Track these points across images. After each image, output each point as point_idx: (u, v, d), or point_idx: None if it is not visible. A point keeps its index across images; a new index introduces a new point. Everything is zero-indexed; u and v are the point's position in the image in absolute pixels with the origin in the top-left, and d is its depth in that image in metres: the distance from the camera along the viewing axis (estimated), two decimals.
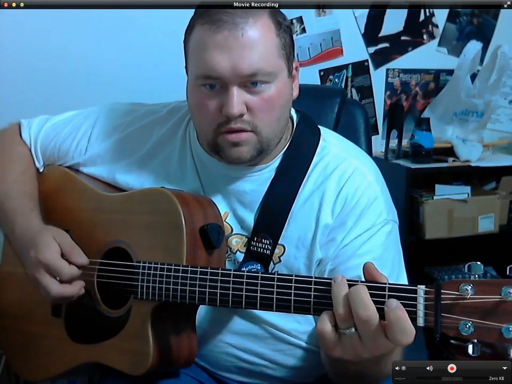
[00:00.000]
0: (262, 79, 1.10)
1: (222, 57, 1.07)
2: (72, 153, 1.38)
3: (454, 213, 2.53)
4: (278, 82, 1.13)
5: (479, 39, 2.80)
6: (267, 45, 1.10)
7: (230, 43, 1.07)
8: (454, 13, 2.79)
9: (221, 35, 1.07)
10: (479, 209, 2.56)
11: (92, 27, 2.28)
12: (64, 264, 1.18)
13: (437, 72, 2.82)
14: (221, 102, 1.10)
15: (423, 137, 2.55)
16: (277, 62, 1.12)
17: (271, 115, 1.14)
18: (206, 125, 1.15)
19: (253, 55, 1.08)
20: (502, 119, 2.91)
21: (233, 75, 1.07)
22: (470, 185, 2.60)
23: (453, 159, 2.57)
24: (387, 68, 2.74)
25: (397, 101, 2.78)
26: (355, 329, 0.90)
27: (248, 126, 1.12)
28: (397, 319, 0.86)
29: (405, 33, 2.74)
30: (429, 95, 2.83)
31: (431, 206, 2.51)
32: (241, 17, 1.07)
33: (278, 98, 1.13)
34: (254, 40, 1.08)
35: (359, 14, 2.65)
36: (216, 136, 1.14)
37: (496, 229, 2.61)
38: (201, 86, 1.12)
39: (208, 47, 1.08)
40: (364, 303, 0.88)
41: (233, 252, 1.24)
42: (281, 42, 1.13)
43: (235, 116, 1.09)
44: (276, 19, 1.12)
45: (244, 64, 1.07)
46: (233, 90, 1.08)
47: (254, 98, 1.11)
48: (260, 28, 1.09)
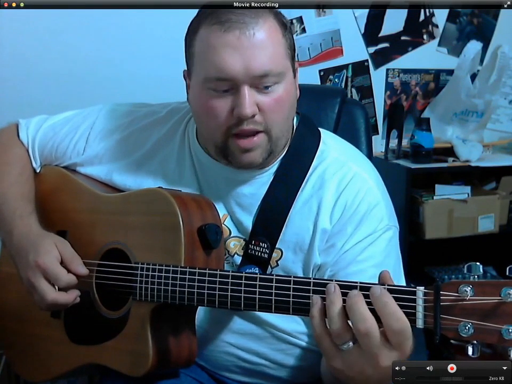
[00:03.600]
0: (273, 80, 1.10)
1: (234, 57, 1.06)
2: (69, 153, 1.38)
3: (454, 213, 2.53)
4: (286, 82, 1.13)
5: (479, 39, 2.80)
6: (275, 46, 1.10)
7: (242, 42, 1.06)
8: (454, 13, 2.78)
9: (232, 35, 1.06)
10: (479, 209, 2.56)
11: (92, 27, 2.28)
12: (63, 271, 1.18)
13: (437, 72, 2.82)
14: (232, 104, 1.09)
15: (423, 137, 2.54)
16: (285, 62, 1.12)
17: (281, 115, 1.14)
18: (215, 128, 1.13)
19: (264, 55, 1.08)
20: (502, 119, 2.90)
21: (245, 75, 1.07)
22: (470, 185, 2.60)
23: (453, 159, 2.57)
24: (387, 68, 2.74)
25: (397, 101, 2.78)
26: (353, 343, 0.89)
27: (261, 126, 1.12)
28: (384, 304, 0.86)
29: (405, 33, 2.74)
30: (429, 95, 2.83)
31: (431, 206, 2.51)
32: (250, 17, 1.07)
33: (287, 98, 1.13)
34: (263, 41, 1.08)
35: (359, 14, 2.65)
36: (226, 140, 1.13)
37: (496, 229, 2.61)
38: (209, 89, 1.11)
39: (218, 47, 1.07)
40: (362, 316, 0.87)
41: (231, 254, 1.23)
42: (287, 43, 1.13)
43: (248, 117, 1.08)
44: (280, 20, 1.13)
45: (256, 63, 1.07)
46: (245, 91, 1.08)
47: (265, 98, 1.10)
48: (268, 28, 1.09)
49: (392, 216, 1.23)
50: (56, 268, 1.17)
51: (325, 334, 0.91)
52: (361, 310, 0.87)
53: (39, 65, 2.24)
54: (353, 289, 0.90)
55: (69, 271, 1.18)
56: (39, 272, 1.17)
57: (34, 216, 1.29)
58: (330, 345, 0.91)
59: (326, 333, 0.91)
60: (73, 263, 1.19)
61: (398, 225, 1.24)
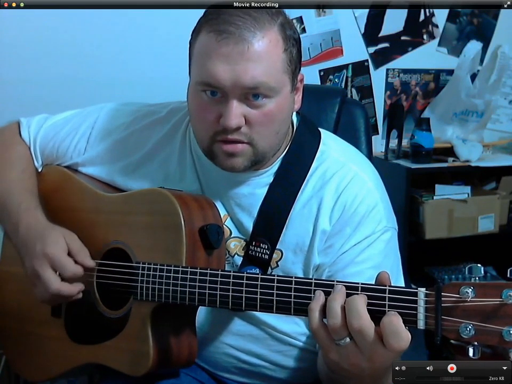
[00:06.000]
0: (264, 93, 1.08)
1: (224, 68, 1.05)
2: (71, 153, 1.38)
3: (454, 213, 2.53)
4: (280, 97, 1.11)
5: (479, 39, 2.80)
6: (272, 60, 1.08)
7: (234, 57, 1.05)
8: (454, 13, 2.79)
9: (225, 47, 1.05)
10: (479, 209, 2.56)
11: (92, 27, 2.28)
12: (70, 261, 1.18)
13: (437, 72, 2.82)
14: (220, 112, 1.09)
15: (423, 137, 2.55)
16: (281, 77, 1.10)
17: (269, 129, 1.13)
18: (202, 131, 1.14)
19: (257, 68, 1.06)
20: (502, 119, 2.91)
21: (235, 87, 1.06)
22: (470, 185, 2.60)
23: (453, 159, 2.57)
24: (387, 68, 2.75)
25: (397, 101, 2.78)
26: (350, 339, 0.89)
27: (245, 138, 1.11)
28: (390, 322, 0.86)
29: (405, 33, 2.74)
30: (429, 95, 2.83)
31: (431, 206, 2.51)
32: (249, 31, 1.05)
33: (277, 113, 1.12)
34: (259, 54, 1.06)
35: (359, 14, 2.65)
36: (211, 144, 1.13)
37: (496, 229, 2.61)
38: (202, 92, 1.11)
39: (211, 56, 1.07)
40: (358, 313, 0.87)
41: (232, 255, 1.23)
42: (288, 57, 1.11)
43: (232, 129, 1.08)
44: (284, 33, 1.10)
45: (246, 76, 1.05)
46: (232, 103, 1.07)
47: (253, 111, 1.09)
48: (267, 42, 1.07)
49: (391, 218, 1.22)
50: (63, 257, 1.18)
51: (320, 328, 0.91)
52: (359, 307, 0.88)
53: (39, 65, 2.24)
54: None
55: (76, 262, 1.19)
56: (46, 261, 1.18)
57: (40, 210, 1.29)
58: (326, 338, 0.91)
59: (321, 326, 0.92)
60: (81, 255, 1.20)
61: (397, 227, 1.24)
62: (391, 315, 0.87)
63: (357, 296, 0.89)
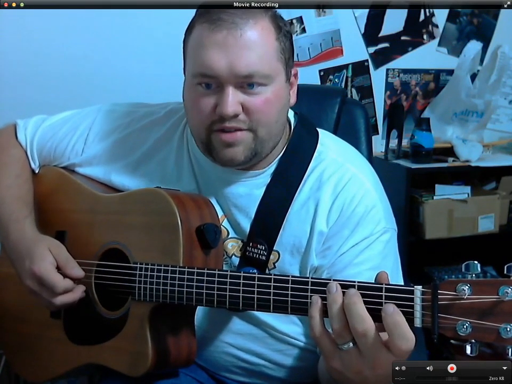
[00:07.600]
0: (259, 81, 1.09)
1: (219, 56, 1.06)
2: (68, 154, 1.38)
3: (454, 213, 2.53)
4: (275, 85, 1.12)
5: (479, 39, 2.80)
6: (266, 47, 1.09)
7: (228, 42, 1.06)
8: (454, 13, 2.79)
9: (219, 34, 1.06)
10: (479, 209, 2.56)
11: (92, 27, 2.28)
12: (59, 277, 1.18)
13: (437, 72, 2.82)
14: (216, 101, 1.10)
15: (423, 137, 2.54)
16: (275, 65, 1.11)
17: (268, 117, 1.13)
18: (199, 123, 1.14)
19: (251, 56, 1.07)
20: (502, 119, 2.90)
21: (230, 75, 1.07)
22: (470, 185, 2.60)
23: (453, 159, 2.57)
24: (387, 68, 2.75)
25: (397, 101, 2.78)
26: (353, 344, 0.88)
27: (244, 125, 1.11)
28: (395, 324, 0.85)
29: (405, 33, 2.74)
30: (429, 95, 2.83)
31: (431, 206, 2.51)
32: (241, 18, 1.07)
33: (275, 101, 1.12)
34: (252, 41, 1.07)
35: (359, 14, 2.65)
36: (209, 134, 1.13)
37: (496, 229, 2.61)
38: (197, 85, 1.11)
39: (206, 45, 1.08)
40: (361, 317, 0.87)
41: (229, 255, 1.23)
42: (281, 46, 1.12)
43: (229, 116, 1.08)
44: (276, 23, 1.12)
45: (241, 64, 1.06)
46: (228, 90, 1.08)
47: (250, 98, 1.10)
48: (260, 29, 1.08)
49: (390, 218, 1.22)
50: (51, 275, 1.18)
51: (323, 334, 0.91)
52: (360, 311, 0.87)
53: (39, 65, 2.24)
54: (350, 288, 0.90)
55: (65, 275, 1.19)
56: (36, 280, 1.19)
57: (29, 219, 1.29)
58: (329, 345, 0.91)
59: (324, 333, 0.91)
60: (68, 267, 1.20)
61: (396, 227, 1.23)
62: (395, 315, 0.85)
63: (354, 298, 0.88)
